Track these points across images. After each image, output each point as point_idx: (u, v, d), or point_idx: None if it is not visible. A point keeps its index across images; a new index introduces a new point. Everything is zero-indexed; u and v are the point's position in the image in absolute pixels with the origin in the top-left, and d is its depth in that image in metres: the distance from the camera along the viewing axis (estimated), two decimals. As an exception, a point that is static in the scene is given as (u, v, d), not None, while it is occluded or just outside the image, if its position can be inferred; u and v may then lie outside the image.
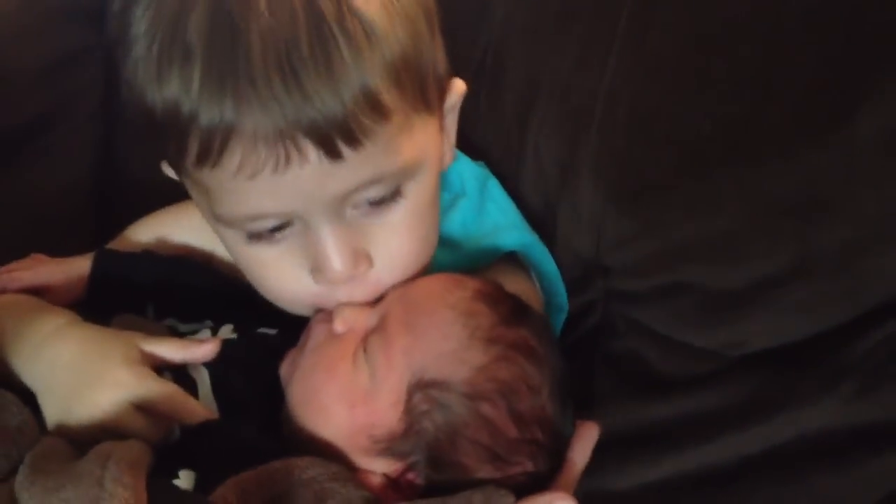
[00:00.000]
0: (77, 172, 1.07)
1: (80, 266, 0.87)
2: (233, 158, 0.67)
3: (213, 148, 0.67)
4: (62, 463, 0.63)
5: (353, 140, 0.67)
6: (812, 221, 0.79)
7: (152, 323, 0.81)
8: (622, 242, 0.88)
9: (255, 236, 0.73)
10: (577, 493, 0.74)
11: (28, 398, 0.72)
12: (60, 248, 1.04)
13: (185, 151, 0.68)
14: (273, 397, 0.74)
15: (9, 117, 0.98)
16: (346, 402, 0.71)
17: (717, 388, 0.86)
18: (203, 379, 0.74)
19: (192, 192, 0.75)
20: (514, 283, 0.83)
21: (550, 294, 0.90)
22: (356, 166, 0.69)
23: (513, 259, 0.88)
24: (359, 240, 0.74)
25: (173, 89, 0.66)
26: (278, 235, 0.73)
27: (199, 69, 0.65)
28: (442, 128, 0.79)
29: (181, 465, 0.67)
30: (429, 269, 0.81)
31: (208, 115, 0.66)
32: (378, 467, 0.70)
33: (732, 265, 0.82)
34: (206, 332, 0.80)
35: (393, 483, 0.70)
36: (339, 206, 0.71)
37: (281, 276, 0.75)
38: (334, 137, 0.66)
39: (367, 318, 0.74)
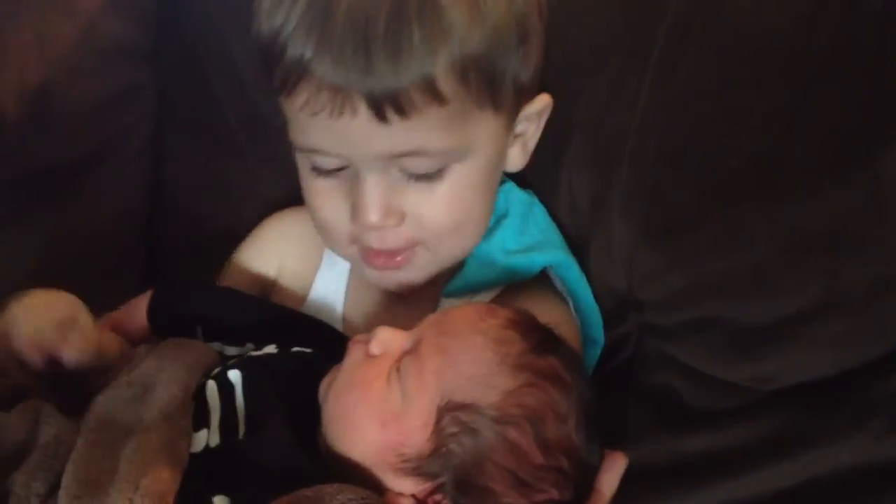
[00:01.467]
0: (128, 204, 1.10)
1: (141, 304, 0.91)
2: (301, 95, 0.77)
3: (289, 80, 0.77)
4: (94, 490, 0.65)
5: (402, 112, 0.75)
6: (840, 257, 0.79)
7: (202, 344, 0.84)
8: (653, 277, 0.89)
9: (317, 169, 0.83)
10: None
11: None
12: (112, 276, 1.09)
13: (273, 78, 0.79)
14: (303, 408, 0.76)
15: (64, 152, 1.01)
16: (378, 420, 0.73)
17: (747, 423, 0.86)
18: (238, 382, 0.77)
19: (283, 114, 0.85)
20: (550, 309, 0.86)
21: (585, 325, 0.92)
22: (402, 134, 0.77)
23: (551, 288, 0.91)
24: (396, 198, 0.82)
25: (276, 22, 0.77)
26: (335, 174, 0.83)
27: (298, 14, 0.76)
28: (510, 130, 0.85)
29: (215, 490, 0.69)
30: (466, 282, 0.87)
31: (293, 52, 0.76)
32: (406, 487, 0.72)
33: (761, 300, 0.83)
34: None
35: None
36: (386, 165, 0.80)
37: (328, 207, 0.85)
38: (385, 105, 0.75)
39: (402, 342, 0.76)
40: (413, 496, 0.72)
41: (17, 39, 0.96)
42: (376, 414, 0.73)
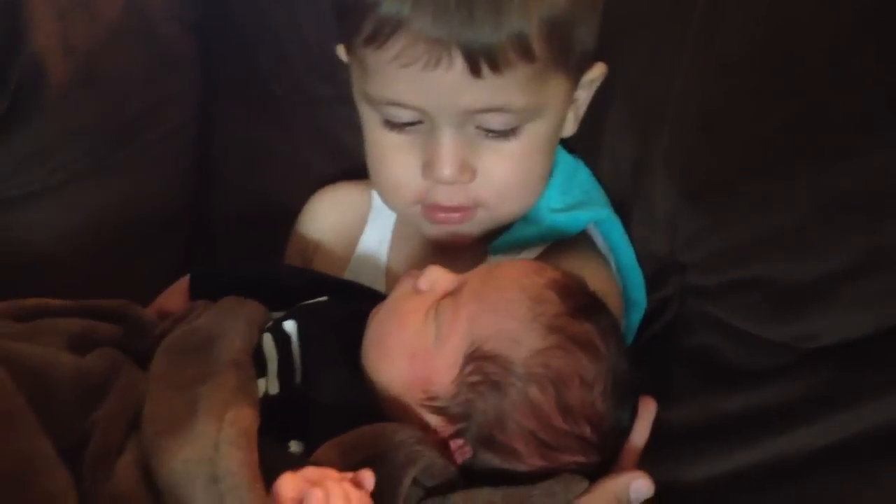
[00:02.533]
0: (173, 174, 1.12)
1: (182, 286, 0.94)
2: (395, 46, 0.78)
3: (382, 32, 0.78)
4: (175, 424, 0.67)
5: (496, 66, 0.78)
6: (881, 215, 0.79)
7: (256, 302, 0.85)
8: (695, 239, 0.90)
9: (389, 123, 0.85)
10: None
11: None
12: (157, 245, 1.11)
13: (360, 30, 0.80)
14: (358, 350, 0.78)
15: (109, 115, 1.02)
16: (408, 352, 0.75)
17: (788, 381, 0.86)
18: (293, 332, 0.79)
19: (354, 72, 0.87)
20: (593, 269, 0.89)
21: (628, 287, 0.93)
22: (490, 89, 0.79)
23: (594, 248, 0.93)
24: (470, 155, 0.84)
25: None
26: (407, 129, 0.85)
27: None
28: (572, 95, 0.88)
29: (286, 436, 0.72)
30: (511, 238, 0.90)
31: (390, 6, 0.77)
32: (431, 424, 0.74)
33: (802, 260, 0.83)
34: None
35: (447, 446, 0.73)
36: (464, 121, 0.82)
37: (397, 162, 0.87)
38: (480, 58, 0.77)
39: (449, 282, 0.78)
40: (436, 433, 0.74)
41: None
42: (407, 346, 0.75)
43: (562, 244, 0.92)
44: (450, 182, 0.85)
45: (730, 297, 0.90)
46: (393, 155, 0.87)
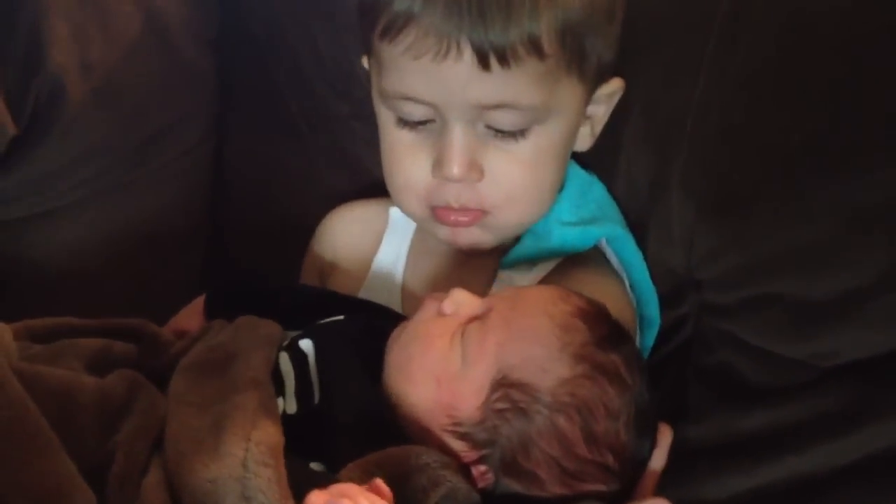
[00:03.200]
0: (190, 191, 1.12)
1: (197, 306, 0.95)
2: (406, 39, 0.80)
3: (395, 26, 0.81)
4: (199, 443, 0.67)
5: (504, 61, 0.79)
6: (902, 232, 0.80)
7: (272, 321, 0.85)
8: (712, 255, 0.90)
9: (402, 122, 0.87)
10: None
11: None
12: (174, 261, 1.11)
13: (375, 26, 0.82)
14: (376, 366, 0.78)
15: (126, 133, 1.03)
16: (434, 377, 0.75)
17: (809, 398, 0.86)
18: (310, 351, 0.79)
19: (372, 73, 0.89)
20: (605, 285, 0.89)
21: (642, 304, 0.93)
22: (499, 83, 0.80)
23: (608, 265, 0.93)
24: (479, 154, 0.85)
25: None
26: (420, 127, 0.86)
27: None
28: (586, 104, 0.89)
29: (311, 457, 0.71)
30: (522, 253, 0.90)
31: (402, 2, 0.80)
32: (454, 449, 0.73)
33: (822, 276, 0.83)
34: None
35: (467, 471, 0.73)
36: (474, 118, 0.83)
37: (409, 161, 0.88)
38: (489, 53, 0.79)
39: (475, 306, 0.78)
40: (459, 459, 0.73)
41: (82, 14, 0.97)
42: (433, 371, 0.75)
43: (575, 260, 0.92)
44: (458, 179, 0.85)
45: (747, 315, 0.90)
46: (405, 153, 0.88)
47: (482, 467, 0.73)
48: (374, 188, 1.05)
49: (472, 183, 0.86)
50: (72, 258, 1.02)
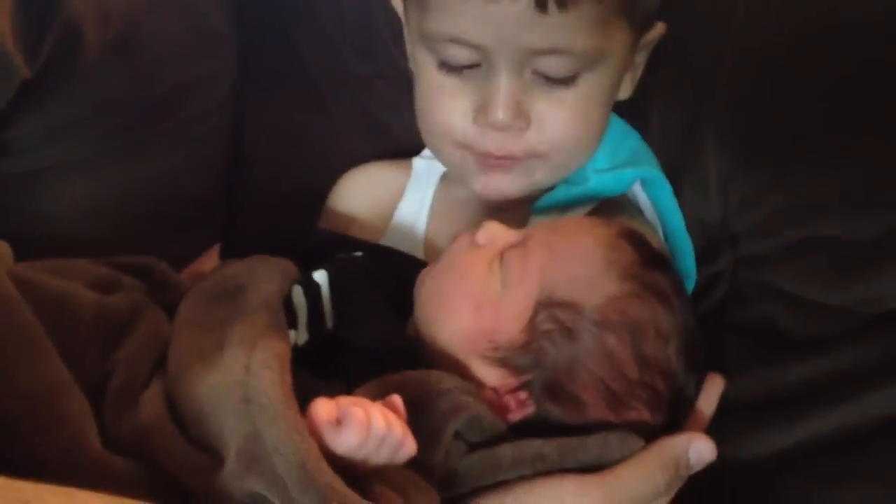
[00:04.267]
0: (209, 155, 1.09)
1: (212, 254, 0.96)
2: None
3: None
4: (203, 358, 0.64)
5: (562, 2, 0.75)
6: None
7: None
8: (750, 201, 0.86)
9: (445, 65, 0.82)
10: (710, 463, 0.73)
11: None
12: (190, 225, 1.08)
13: None
14: (393, 300, 0.75)
15: (144, 88, 0.99)
16: (474, 302, 0.71)
17: (854, 347, 0.81)
18: (324, 281, 0.76)
19: (411, 12, 0.85)
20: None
21: (677, 255, 0.89)
22: (554, 28, 0.77)
23: (641, 214, 0.90)
24: (527, 101, 0.81)
25: None
26: (465, 72, 0.82)
27: None
28: (633, 50, 0.85)
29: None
30: (555, 199, 0.86)
31: None
32: (492, 378, 0.70)
33: (866, 214, 0.79)
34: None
35: (502, 403, 0.70)
36: (523, 63, 0.79)
37: (449, 106, 0.84)
38: None
39: (510, 237, 0.75)
40: (494, 389, 0.70)
41: None
42: (472, 297, 0.72)
43: (608, 206, 0.88)
44: (503, 128, 0.81)
45: (787, 262, 0.85)
46: (445, 97, 0.84)
47: (522, 395, 0.70)
48: (399, 151, 1.03)
49: (517, 131, 0.82)
50: (83, 217, 0.98)
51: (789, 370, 0.84)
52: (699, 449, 0.71)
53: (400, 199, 0.97)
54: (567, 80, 0.81)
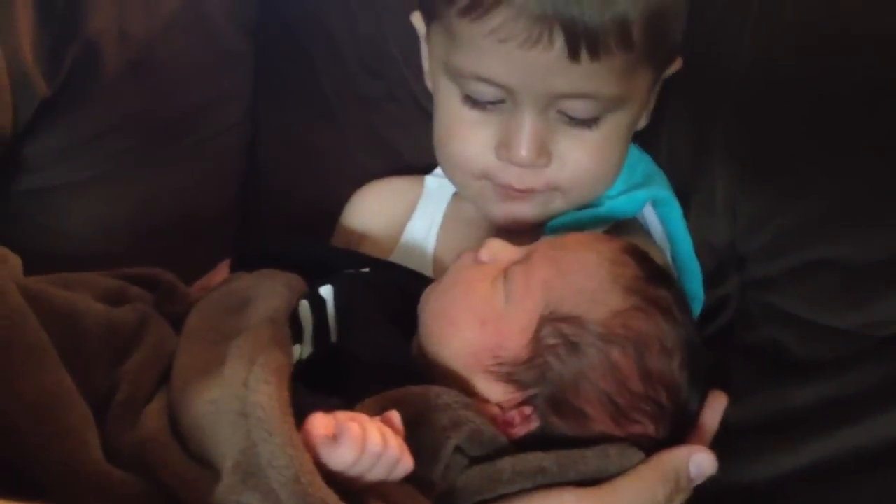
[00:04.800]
0: (224, 173, 1.10)
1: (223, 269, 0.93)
2: (494, 20, 0.76)
3: (483, 4, 0.76)
4: (204, 374, 0.64)
5: (595, 51, 0.76)
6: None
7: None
8: (758, 222, 0.87)
9: (470, 100, 0.83)
10: (710, 486, 0.72)
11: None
12: (203, 242, 1.08)
13: (456, 1, 0.78)
14: (398, 317, 0.75)
15: (160, 108, 1.01)
16: (478, 318, 0.72)
17: (859, 370, 0.82)
18: (329, 296, 0.76)
19: (437, 40, 0.85)
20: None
21: (685, 278, 0.90)
22: (583, 76, 0.77)
23: (650, 237, 0.90)
24: (549, 138, 0.82)
25: None
26: (489, 107, 0.83)
27: None
28: (654, 88, 0.86)
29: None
30: (566, 222, 0.86)
31: None
32: (496, 394, 0.70)
33: (877, 235, 0.80)
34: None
35: (506, 418, 0.70)
36: (548, 104, 0.80)
37: (471, 138, 0.85)
38: (581, 41, 0.75)
39: (513, 253, 0.76)
40: (499, 405, 0.70)
41: None
42: (477, 312, 0.72)
43: (617, 230, 0.89)
44: (525, 165, 0.82)
45: (794, 285, 0.86)
46: (467, 130, 0.85)
47: (527, 410, 0.70)
48: (408, 172, 1.03)
49: (538, 167, 0.83)
50: (97, 234, 0.99)
51: (794, 393, 0.84)
52: (699, 461, 0.70)
53: (411, 216, 0.97)
54: (591, 122, 0.82)
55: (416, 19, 0.90)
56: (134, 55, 0.97)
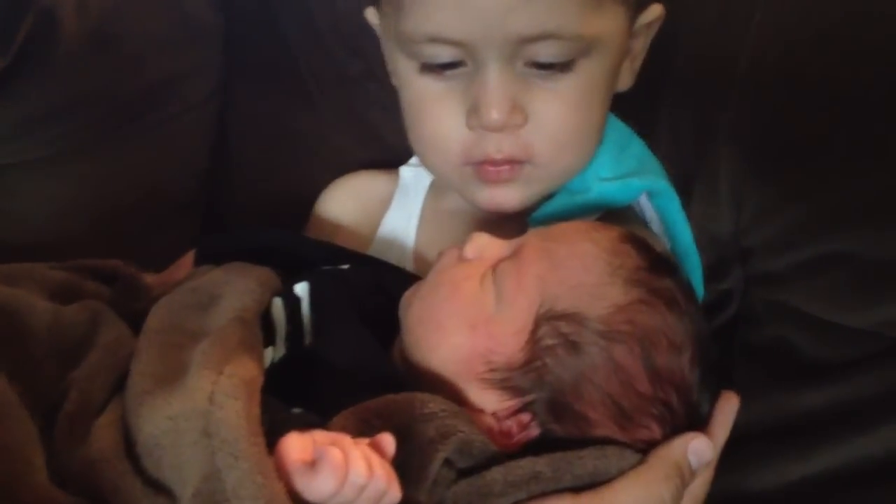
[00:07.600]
0: (190, 152, 1.05)
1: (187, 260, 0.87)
2: None
3: None
4: (165, 383, 0.58)
5: None
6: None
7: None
8: (766, 213, 0.82)
9: (427, 67, 0.77)
10: (715, 494, 0.68)
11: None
12: (168, 225, 1.04)
13: None
14: (377, 317, 0.69)
15: (124, 81, 0.95)
16: (467, 322, 0.66)
17: (875, 372, 0.77)
18: (304, 294, 0.71)
19: (388, 22, 0.80)
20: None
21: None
22: (542, 10, 0.72)
23: (647, 226, 0.84)
24: (521, 94, 0.76)
25: None
26: (448, 73, 0.77)
27: None
28: (629, 35, 0.80)
29: (294, 403, 0.62)
30: (554, 209, 0.80)
31: None
32: (489, 402, 0.65)
33: (892, 228, 0.74)
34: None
35: (503, 429, 0.64)
36: (512, 54, 0.74)
37: (439, 114, 0.79)
38: None
39: (500, 249, 0.70)
40: (494, 414, 0.65)
41: None
42: (465, 316, 0.66)
43: (610, 219, 0.82)
44: (499, 127, 0.76)
45: (804, 281, 0.81)
46: (433, 105, 0.79)
47: (525, 417, 0.64)
48: (389, 155, 0.98)
49: (514, 129, 0.77)
50: (50, 217, 0.95)
51: (804, 396, 0.81)
52: (697, 450, 0.65)
53: (387, 209, 0.92)
54: (561, 67, 0.75)
55: (371, 14, 0.85)
56: (94, 26, 0.92)
